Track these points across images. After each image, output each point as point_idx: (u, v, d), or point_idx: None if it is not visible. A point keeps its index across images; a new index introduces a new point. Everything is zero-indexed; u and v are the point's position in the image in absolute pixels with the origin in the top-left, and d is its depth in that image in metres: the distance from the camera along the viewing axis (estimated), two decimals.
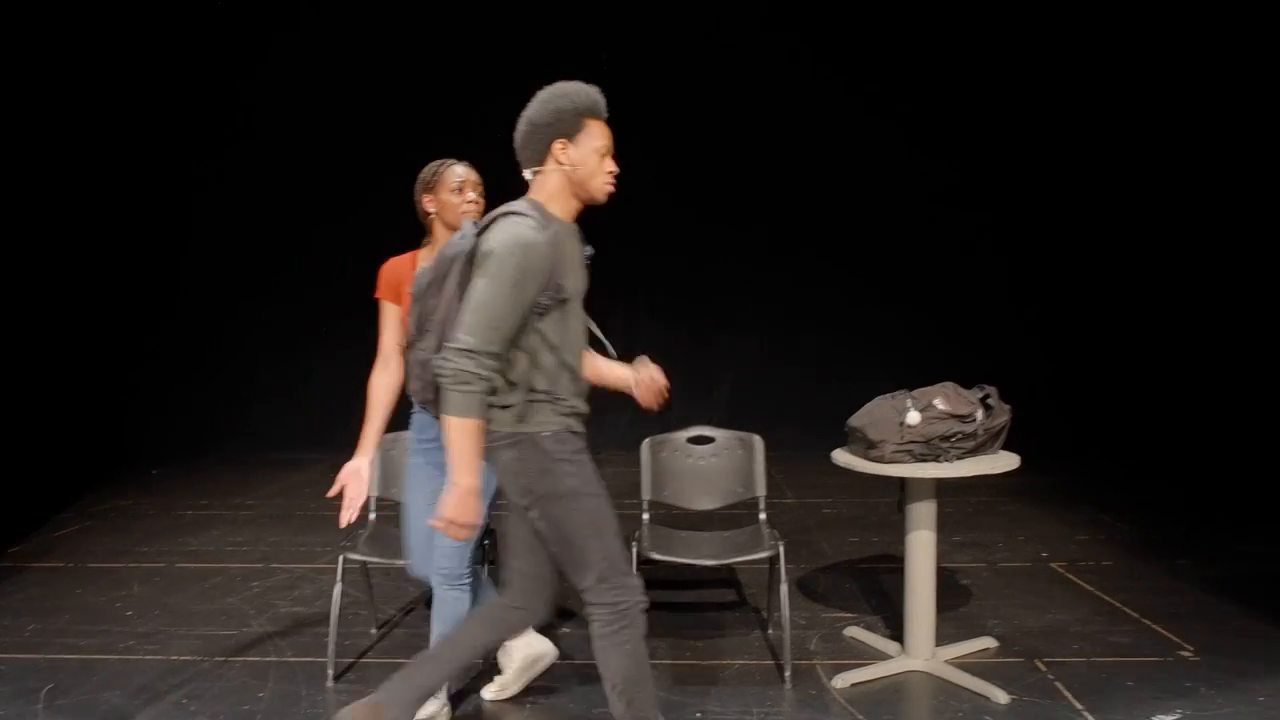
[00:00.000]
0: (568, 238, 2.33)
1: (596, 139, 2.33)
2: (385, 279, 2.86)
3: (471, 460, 2.20)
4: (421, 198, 2.84)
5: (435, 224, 2.84)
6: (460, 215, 2.78)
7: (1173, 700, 2.93)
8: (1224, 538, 4.68)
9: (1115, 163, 7.06)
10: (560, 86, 2.34)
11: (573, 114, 2.31)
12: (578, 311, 2.36)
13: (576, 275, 2.34)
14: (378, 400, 2.82)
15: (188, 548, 4.89)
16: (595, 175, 2.33)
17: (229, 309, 7.49)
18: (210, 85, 7.28)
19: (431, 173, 2.84)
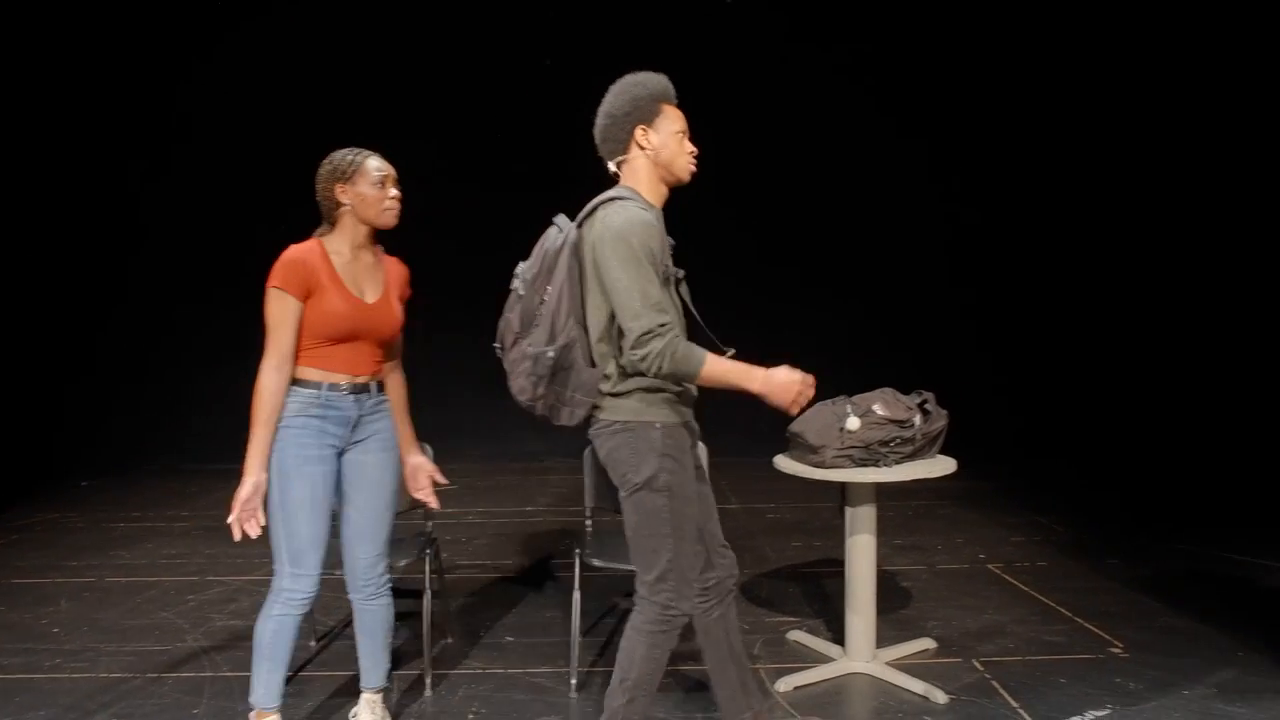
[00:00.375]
0: (659, 222, 2.38)
1: (674, 122, 2.40)
2: (295, 271, 2.50)
3: (742, 368, 2.26)
4: (334, 187, 2.59)
5: (345, 217, 2.60)
6: (383, 212, 2.62)
7: (1104, 696, 3.01)
8: (1152, 538, 4.82)
9: (1052, 167, 7.24)
10: (632, 77, 2.42)
11: (649, 100, 2.38)
12: (680, 292, 2.43)
13: (670, 257, 2.39)
14: (275, 406, 2.49)
15: (119, 561, 4.75)
16: (678, 156, 2.40)
17: (161, 319, 7.30)
18: (153, 91, 7.11)
19: (349, 163, 2.59)
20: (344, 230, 2.63)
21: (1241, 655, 3.29)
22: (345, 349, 2.62)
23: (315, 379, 2.58)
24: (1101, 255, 7.29)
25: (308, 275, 2.53)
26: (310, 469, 2.55)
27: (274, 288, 2.50)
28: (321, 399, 2.58)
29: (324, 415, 2.58)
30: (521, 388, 2.40)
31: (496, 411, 7.53)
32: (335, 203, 2.61)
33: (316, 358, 2.58)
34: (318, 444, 2.57)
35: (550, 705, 3.04)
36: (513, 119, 7.26)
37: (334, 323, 2.57)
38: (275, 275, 2.51)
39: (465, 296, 7.47)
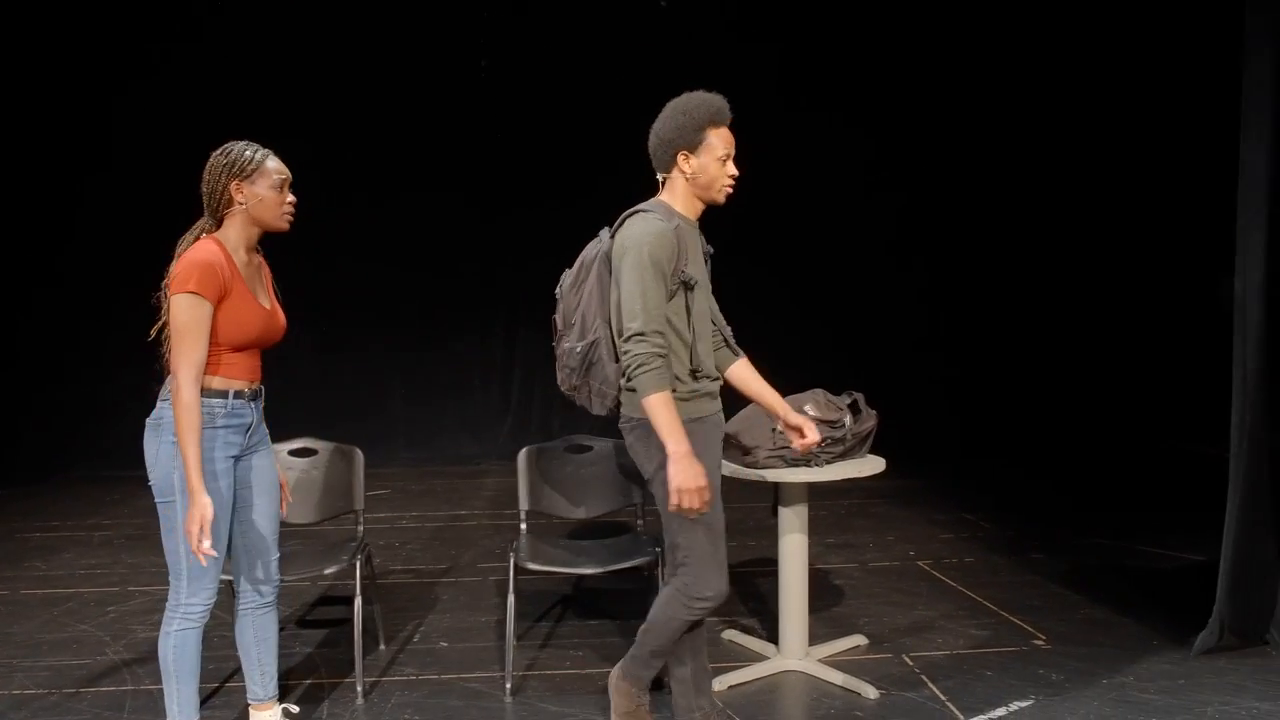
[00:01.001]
0: (690, 232, 2.57)
1: (718, 149, 2.55)
2: (212, 275, 2.38)
3: (679, 427, 2.38)
4: (229, 183, 2.45)
5: (237, 216, 2.48)
6: (280, 216, 2.53)
7: (1028, 687, 3.10)
8: (1073, 533, 4.97)
9: (983, 169, 7.42)
10: (685, 100, 2.57)
11: (693, 128, 2.53)
12: (703, 301, 2.59)
13: (698, 266, 2.58)
14: (200, 419, 2.38)
15: (35, 573, 4.58)
16: (715, 181, 2.57)
17: (75, 325, 7.06)
18: (66, 105, 6.89)
19: (249, 160, 2.46)
20: (236, 230, 2.51)
21: (1156, 644, 3.42)
22: (245, 356, 2.53)
23: (220, 388, 2.48)
24: (1024, 257, 7.50)
25: (223, 280, 2.41)
26: (216, 484, 2.45)
27: (191, 293, 2.36)
28: (228, 408, 2.49)
29: (228, 425, 2.50)
30: (561, 379, 2.70)
31: (429, 416, 7.54)
32: (228, 200, 2.47)
33: (220, 365, 2.47)
34: (223, 456, 2.49)
35: (485, 710, 3.02)
36: (447, 124, 7.20)
37: (244, 330, 2.48)
38: (191, 279, 2.36)
39: (396, 305, 7.42)
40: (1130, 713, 2.89)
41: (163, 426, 2.46)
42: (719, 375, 2.69)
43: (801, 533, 3.23)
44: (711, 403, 2.62)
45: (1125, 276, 7.37)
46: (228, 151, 2.50)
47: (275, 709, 2.76)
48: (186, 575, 2.47)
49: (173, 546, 2.47)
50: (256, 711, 2.76)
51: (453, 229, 7.24)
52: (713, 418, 2.63)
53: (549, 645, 3.55)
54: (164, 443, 2.44)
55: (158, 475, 2.47)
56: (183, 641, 2.50)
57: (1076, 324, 7.50)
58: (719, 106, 2.58)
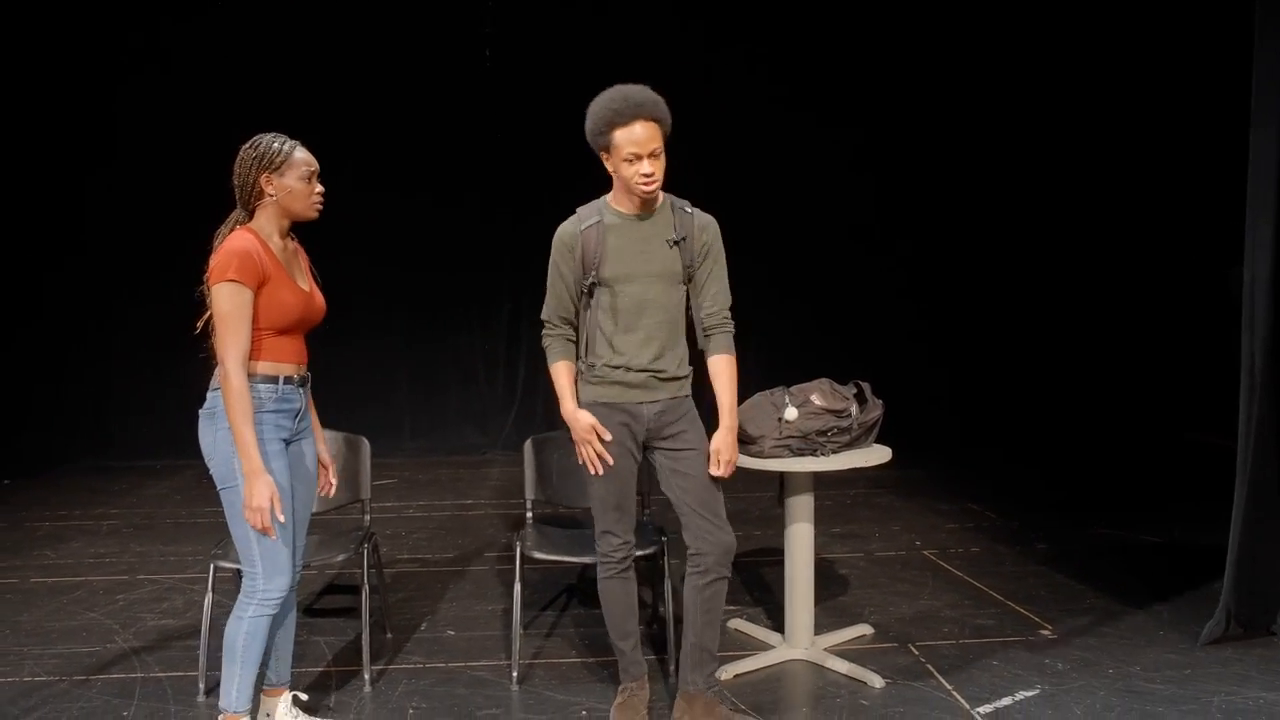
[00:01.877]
0: (621, 228, 2.67)
1: (624, 148, 2.57)
2: (250, 262, 2.41)
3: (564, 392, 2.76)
4: (259, 176, 2.49)
5: (268, 208, 2.52)
6: (310, 206, 2.56)
7: (1033, 677, 3.10)
8: (1078, 522, 4.97)
9: (982, 159, 7.40)
10: (595, 101, 2.62)
11: (598, 132, 2.61)
12: (631, 295, 2.67)
13: (624, 262, 2.65)
14: (251, 404, 2.41)
15: (43, 561, 4.61)
16: (630, 179, 2.59)
17: (84, 316, 7.09)
18: (70, 98, 6.88)
19: (278, 152, 2.50)
20: (268, 220, 2.54)
21: (1162, 634, 3.42)
22: (290, 339, 2.55)
23: (270, 373, 2.50)
24: (1036, 246, 7.48)
25: (261, 266, 2.44)
26: (276, 466, 2.48)
27: (231, 281, 2.38)
28: (278, 393, 2.51)
29: (279, 410, 2.52)
30: None
31: (435, 406, 7.55)
32: (259, 192, 2.51)
33: (265, 350, 2.49)
34: (274, 439, 2.50)
35: (491, 699, 3.03)
36: (450, 116, 7.19)
37: (285, 312, 2.49)
38: (230, 268, 2.38)
39: (401, 296, 7.42)
40: (1136, 702, 2.90)
41: (217, 415, 2.45)
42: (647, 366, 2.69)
43: (807, 522, 3.23)
44: (610, 389, 2.71)
45: (1134, 267, 7.35)
46: (256, 144, 2.51)
47: (286, 695, 2.78)
48: (260, 561, 2.48)
49: (242, 534, 2.47)
50: (268, 697, 2.77)
51: (457, 221, 7.23)
52: (612, 404, 2.71)
53: (555, 634, 3.56)
54: (220, 430, 2.45)
55: (217, 463, 2.47)
56: (255, 628, 2.51)
57: (1085, 314, 7.48)
58: (618, 107, 2.55)
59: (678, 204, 2.75)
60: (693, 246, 2.71)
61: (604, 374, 2.70)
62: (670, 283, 2.71)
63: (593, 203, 2.74)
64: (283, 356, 2.53)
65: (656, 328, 2.69)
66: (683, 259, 2.71)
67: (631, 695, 2.85)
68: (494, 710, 2.95)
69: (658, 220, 2.70)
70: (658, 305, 2.69)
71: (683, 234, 2.70)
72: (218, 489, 2.50)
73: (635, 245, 2.67)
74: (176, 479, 6.30)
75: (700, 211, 2.78)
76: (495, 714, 2.92)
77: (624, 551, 2.80)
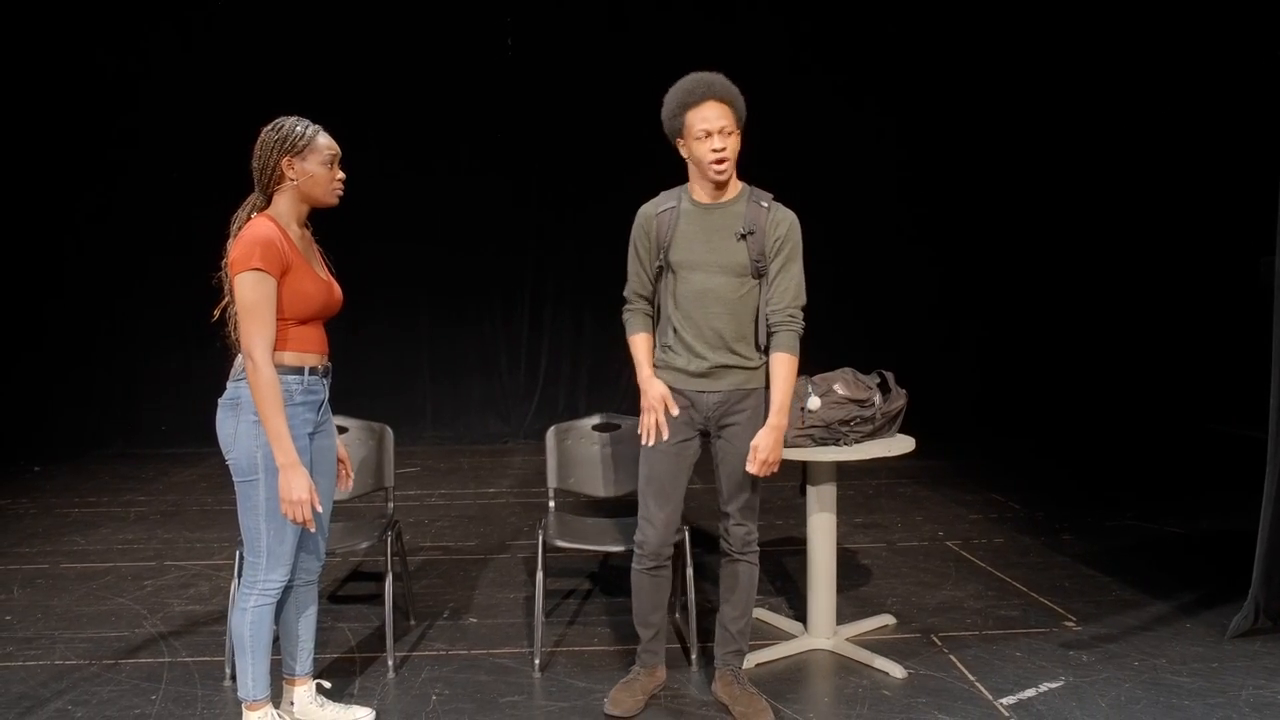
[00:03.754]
0: (694, 214, 2.71)
1: (695, 126, 2.60)
2: (274, 250, 2.38)
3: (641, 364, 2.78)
4: (280, 160, 2.45)
5: (288, 192, 2.48)
6: (331, 192, 2.52)
7: (1057, 669, 3.08)
8: (1102, 513, 4.93)
9: (1010, 149, 7.33)
10: (674, 88, 2.65)
11: (672, 116, 2.64)
12: (693, 283, 2.69)
13: (692, 249, 2.68)
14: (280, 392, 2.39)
15: (73, 547, 4.67)
16: (702, 159, 2.62)
17: (112, 303, 7.17)
18: (93, 80, 6.94)
19: (300, 135, 2.46)
20: (286, 205, 2.50)
21: (1189, 626, 3.39)
22: (312, 329, 2.53)
23: (296, 364, 2.47)
24: (1057, 236, 7.41)
25: (283, 255, 2.40)
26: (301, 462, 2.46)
27: (255, 270, 2.34)
28: (304, 385, 2.48)
29: (304, 402, 2.49)
30: None
31: (457, 395, 7.59)
32: (279, 176, 2.47)
33: (289, 340, 2.46)
34: (300, 434, 2.48)
35: (513, 686, 3.04)
36: (473, 103, 7.20)
37: (308, 301, 2.47)
38: (254, 257, 2.35)
39: (424, 284, 7.45)
40: (1162, 695, 2.87)
41: (241, 405, 2.43)
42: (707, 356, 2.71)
43: (830, 512, 3.23)
44: (673, 375, 2.75)
45: (1161, 256, 7.26)
46: (279, 127, 2.48)
47: (310, 684, 2.80)
48: (266, 553, 2.48)
49: (253, 524, 2.46)
50: (291, 686, 2.79)
51: (480, 208, 7.25)
52: (674, 390, 2.73)
53: (577, 622, 3.58)
54: (243, 421, 2.42)
55: (238, 454, 2.44)
56: (259, 618, 2.52)
57: (1110, 304, 7.40)
58: (689, 87, 2.61)
59: (755, 196, 2.73)
60: (764, 241, 2.67)
61: (668, 358, 2.75)
62: (735, 275, 2.68)
63: (674, 189, 2.78)
64: (307, 346, 2.51)
65: (717, 318, 2.69)
66: (751, 253, 2.67)
67: (635, 678, 2.91)
68: (516, 697, 2.96)
69: (730, 211, 2.70)
70: (719, 297, 2.68)
71: (751, 228, 2.67)
72: (235, 480, 2.48)
73: (703, 234, 2.69)
74: (203, 466, 6.37)
75: (780, 206, 2.74)
76: (517, 701, 2.93)
77: (653, 547, 2.79)
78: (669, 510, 2.78)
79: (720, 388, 2.72)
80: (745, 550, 2.84)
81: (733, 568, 2.85)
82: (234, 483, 2.49)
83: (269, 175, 2.48)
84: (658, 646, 2.93)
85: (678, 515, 2.83)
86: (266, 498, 2.43)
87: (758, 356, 2.74)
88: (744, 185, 2.75)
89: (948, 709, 2.83)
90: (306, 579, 2.72)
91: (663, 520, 2.78)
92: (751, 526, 2.83)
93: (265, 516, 2.45)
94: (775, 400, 2.68)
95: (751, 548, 2.84)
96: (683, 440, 2.75)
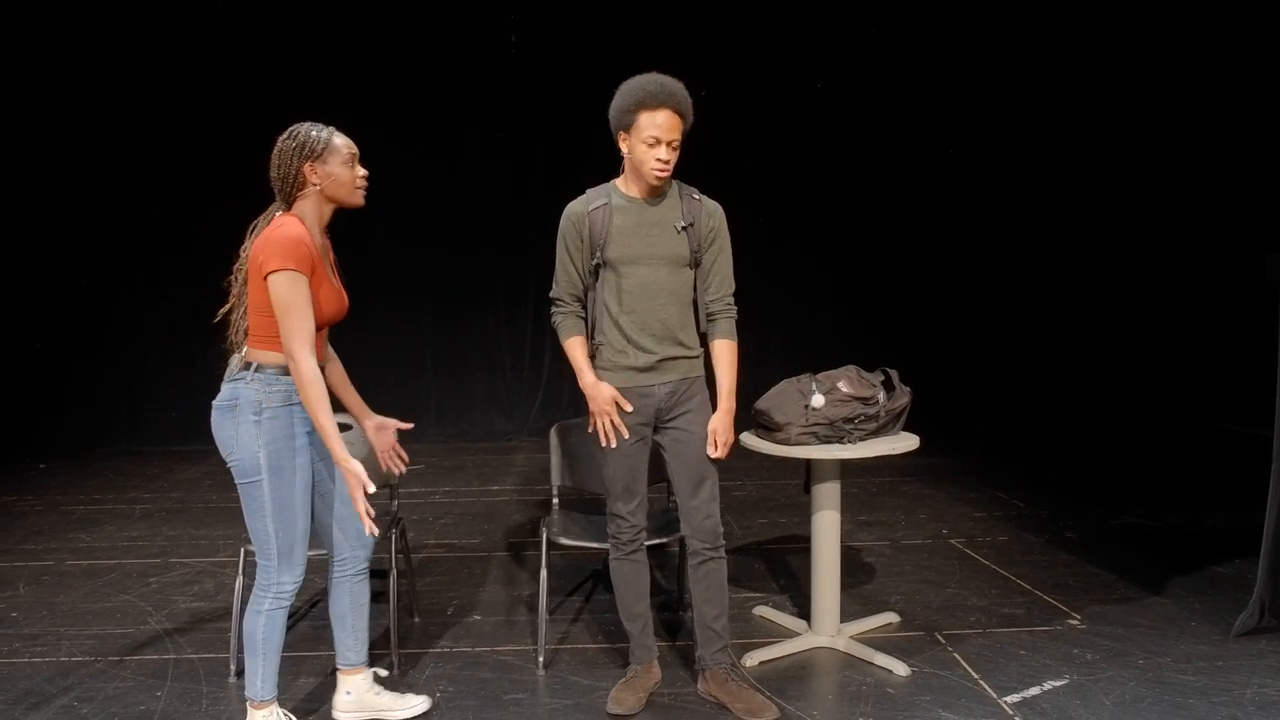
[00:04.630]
0: (628, 210, 2.72)
1: (646, 130, 2.61)
2: (305, 252, 2.39)
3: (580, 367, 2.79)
4: (302, 166, 2.45)
5: (311, 197, 2.49)
6: (355, 191, 2.54)
7: (1062, 667, 3.08)
8: (1107, 511, 4.92)
9: (1013, 145, 7.31)
10: (626, 83, 2.66)
11: (623, 111, 2.65)
12: (637, 278, 2.71)
13: (628, 245, 2.70)
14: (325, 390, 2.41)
15: (78, 544, 4.69)
16: (644, 162, 2.65)
17: (118, 300, 7.18)
18: (98, 78, 6.94)
19: (318, 139, 2.47)
20: (310, 210, 2.50)
21: (1193, 625, 3.38)
22: (319, 335, 2.52)
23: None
24: (1062, 233, 7.39)
25: (311, 256, 2.41)
26: (300, 460, 2.47)
27: (290, 270, 2.35)
28: None
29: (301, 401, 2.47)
30: None
31: (461, 392, 7.59)
32: (301, 182, 2.47)
33: None
34: (303, 432, 2.49)
35: (517, 683, 3.05)
36: (476, 100, 7.20)
37: (322, 310, 2.47)
38: (288, 257, 2.35)
39: (426, 281, 7.45)
40: (1167, 693, 2.87)
41: (239, 407, 2.42)
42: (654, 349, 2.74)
43: (834, 510, 3.22)
44: (621, 374, 2.75)
45: (1168, 254, 7.23)
46: (294, 135, 2.48)
47: (367, 673, 2.81)
48: (276, 555, 2.49)
49: (260, 526, 2.46)
50: (347, 676, 2.79)
51: (483, 205, 7.25)
52: (624, 389, 2.74)
53: (580, 620, 3.58)
54: (243, 423, 2.42)
55: (240, 456, 2.43)
56: (273, 620, 2.53)
57: (1114, 301, 7.38)
58: (652, 89, 2.61)
59: (685, 190, 2.80)
60: (700, 232, 2.76)
61: (613, 359, 2.76)
62: (677, 266, 2.75)
63: (601, 185, 2.79)
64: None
65: (663, 309, 2.74)
66: (690, 244, 2.75)
67: (635, 677, 2.92)
68: (520, 694, 2.97)
69: (666, 205, 2.75)
70: (664, 289, 2.73)
71: (690, 220, 2.75)
72: (238, 483, 2.47)
73: (641, 229, 2.72)
74: (207, 464, 6.38)
75: (707, 198, 2.82)
76: (521, 698, 2.94)
77: (630, 534, 2.86)
78: (636, 502, 2.84)
79: (669, 379, 2.77)
80: (717, 545, 2.82)
81: (705, 568, 2.82)
82: (237, 485, 2.49)
83: (291, 182, 2.48)
84: (649, 640, 2.95)
85: (645, 504, 2.88)
86: (272, 498, 2.43)
87: (698, 345, 2.82)
88: (672, 179, 2.78)
89: (951, 707, 2.82)
90: (358, 569, 2.73)
91: (633, 511, 2.84)
92: (718, 517, 2.83)
93: (272, 517, 2.45)
94: (724, 385, 2.78)
95: (721, 540, 2.84)
96: (639, 439, 2.80)
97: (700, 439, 2.77)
